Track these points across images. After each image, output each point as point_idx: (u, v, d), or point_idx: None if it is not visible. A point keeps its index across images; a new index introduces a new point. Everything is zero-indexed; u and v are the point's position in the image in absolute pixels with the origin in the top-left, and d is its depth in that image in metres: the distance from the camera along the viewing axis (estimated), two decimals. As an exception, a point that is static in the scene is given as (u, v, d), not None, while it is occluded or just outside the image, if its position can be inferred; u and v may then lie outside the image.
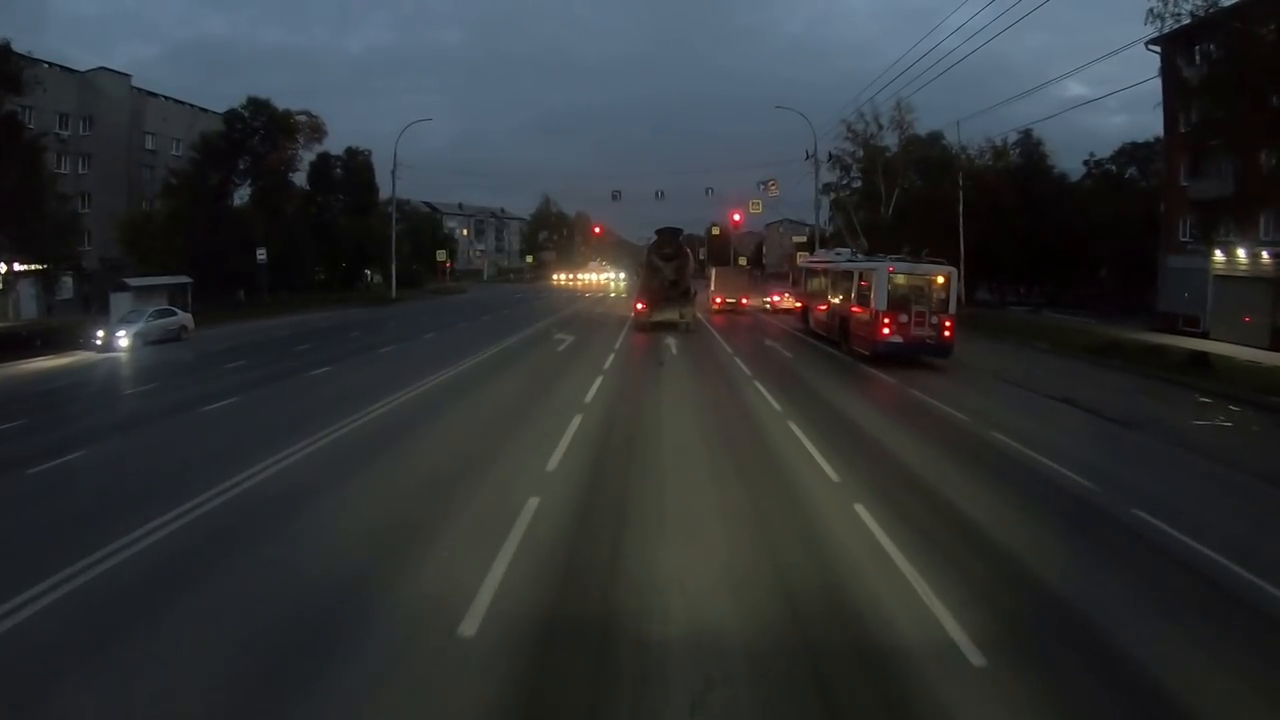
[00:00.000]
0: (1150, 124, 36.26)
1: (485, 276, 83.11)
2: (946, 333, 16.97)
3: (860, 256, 22.46)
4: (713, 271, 36.60)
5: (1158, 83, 25.99)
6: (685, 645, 4.50)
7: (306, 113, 39.56)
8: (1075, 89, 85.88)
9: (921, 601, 5.11)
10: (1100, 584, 5.65)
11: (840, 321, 20.10)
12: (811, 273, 25.38)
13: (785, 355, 19.41)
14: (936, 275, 17.23)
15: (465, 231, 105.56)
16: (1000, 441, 10.06)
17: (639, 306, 24.63)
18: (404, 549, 5.91)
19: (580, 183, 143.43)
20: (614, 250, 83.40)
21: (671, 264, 24.55)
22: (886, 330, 16.80)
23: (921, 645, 4.53)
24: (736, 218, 44.91)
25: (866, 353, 17.66)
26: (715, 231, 70.24)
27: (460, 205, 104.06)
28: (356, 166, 47.03)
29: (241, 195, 40.03)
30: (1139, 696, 4.15)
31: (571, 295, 48.24)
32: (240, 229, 35.80)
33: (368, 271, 69.29)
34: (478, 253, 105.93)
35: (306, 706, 3.88)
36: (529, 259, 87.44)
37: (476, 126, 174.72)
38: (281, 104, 38.45)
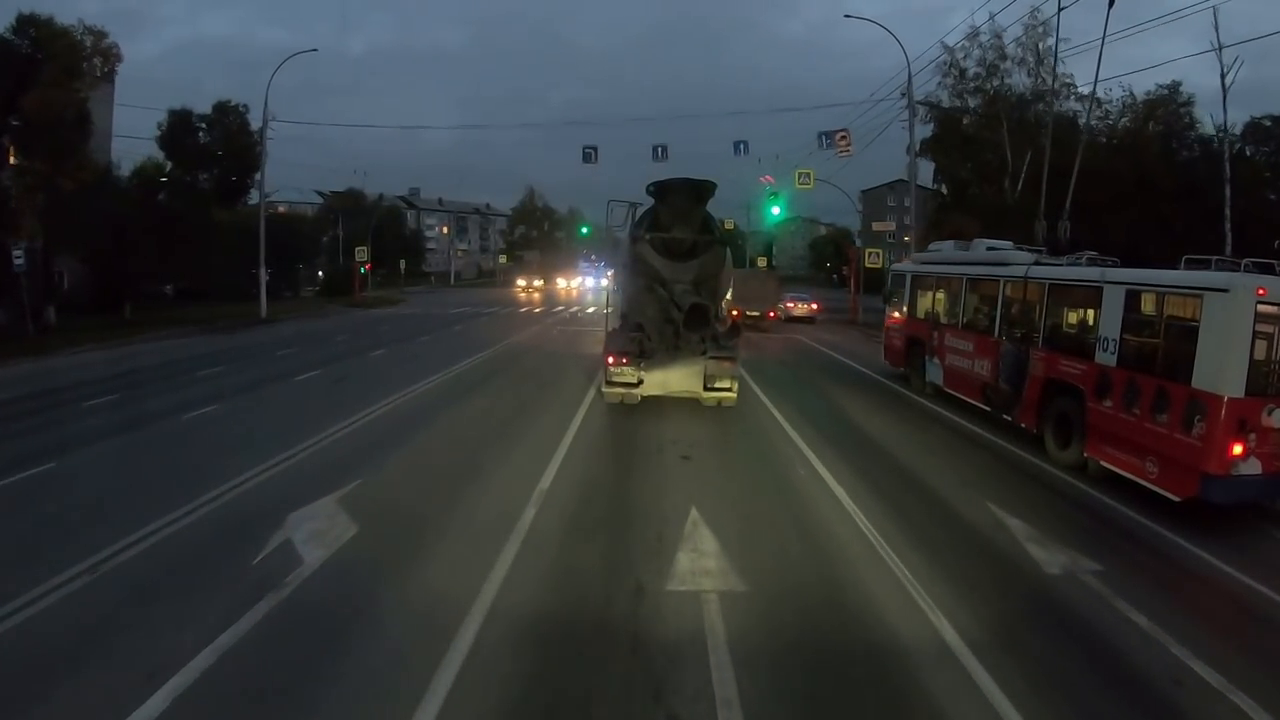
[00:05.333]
0: None
1: (453, 280, 70.01)
2: None
3: (1068, 259, 10.85)
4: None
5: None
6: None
7: (91, 29, 24.77)
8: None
9: None
10: None
11: (1044, 393, 9.82)
12: (934, 285, 13.92)
13: (999, 516, 7.10)
14: None
15: (444, 229, 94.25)
16: None
17: (611, 361, 10.99)
18: None
19: (581, 181, 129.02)
20: (609, 249, 70.28)
21: (690, 263, 10.76)
22: (1239, 447, 6.94)
23: None
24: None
25: (1172, 493, 7.38)
26: (729, 226, 56.89)
27: (440, 200, 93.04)
28: (228, 131, 33.44)
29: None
30: None
31: (529, 315, 33.96)
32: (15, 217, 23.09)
33: (320, 273, 57.70)
34: (459, 252, 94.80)
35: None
36: (503, 259, 74.05)
37: (475, 126, 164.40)
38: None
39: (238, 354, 18.85)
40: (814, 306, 30.10)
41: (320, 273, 56.10)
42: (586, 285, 51.66)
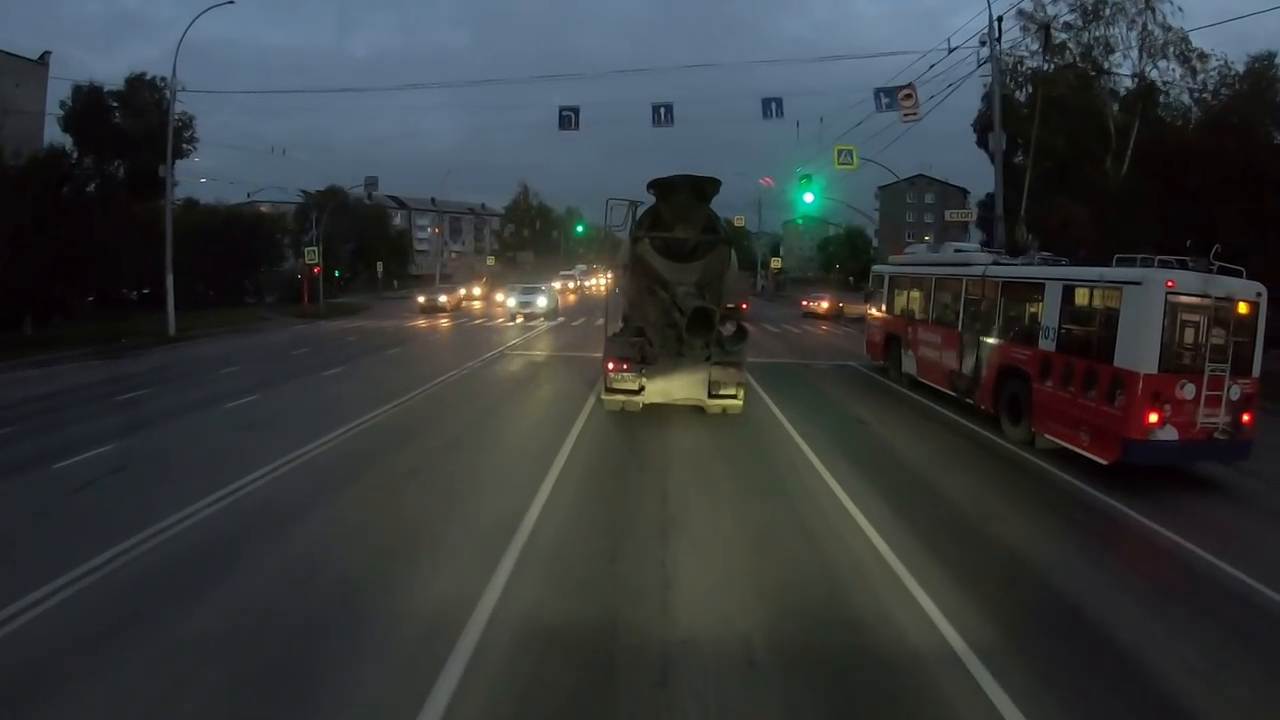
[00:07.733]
0: None
1: (437, 282, 64.85)
2: (1245, 416, 8.33)
3: (1016, 257, 12.48)
4: None
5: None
6: None
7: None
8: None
9: None
10: None
11: (998, 378, 10.96)
12: (908, 284, 14.88)
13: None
14: (1239, 300, 8.35)
15: (436, 230, 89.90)
16: None
17: (611, 367, 11.01)
18: None
19: (579, 181, 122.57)
20: (607, 249, 65.03)
21: (693, 265, 10.27)
22: (1154, 416, 8.10)
23: None
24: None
25: (1100, 457, 8.65)
26: (739, 223, 51.53)
27: (433, 200, 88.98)
28: (143, 109, 28.32)
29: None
30: None
31: (485, 327, 27.49)
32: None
33: (300, 275, 53.29)
34: (454, 254, 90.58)
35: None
36: (490, 260, 69.09)
37: (477, 128, 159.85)
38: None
39: (70, 399, 13.67)
40: (824, 305, 35.11)
41: (300, 275, 52.33)
42: (510, 303, 31.34)
